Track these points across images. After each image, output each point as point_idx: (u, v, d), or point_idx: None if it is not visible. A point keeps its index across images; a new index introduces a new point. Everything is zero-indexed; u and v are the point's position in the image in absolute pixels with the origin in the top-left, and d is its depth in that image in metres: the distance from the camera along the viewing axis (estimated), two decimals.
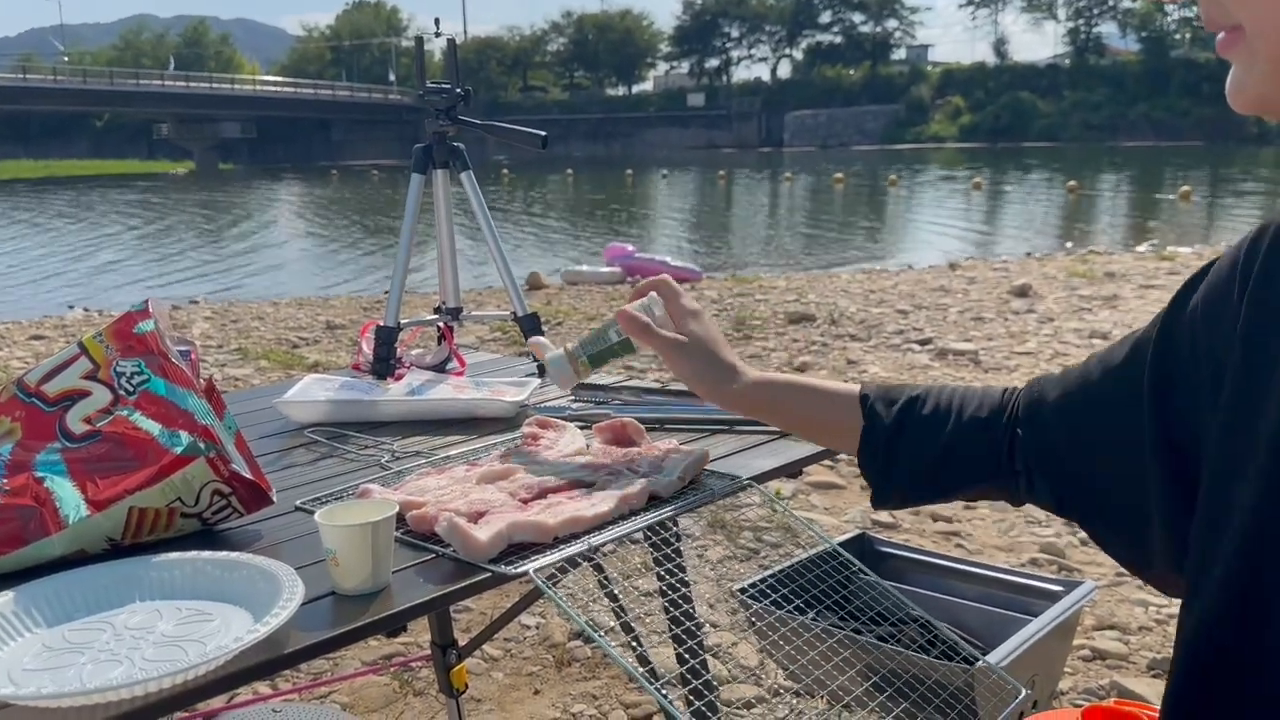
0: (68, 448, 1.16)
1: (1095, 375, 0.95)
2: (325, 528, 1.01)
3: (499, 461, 1.30)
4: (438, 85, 2.22)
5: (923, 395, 1.11)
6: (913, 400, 1.10)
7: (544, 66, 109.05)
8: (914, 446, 1.09)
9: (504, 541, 1.05)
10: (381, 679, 2.70)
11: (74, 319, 9.44)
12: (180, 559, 1.07)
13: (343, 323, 8.54)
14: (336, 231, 21.79)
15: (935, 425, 1.08)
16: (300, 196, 34.63)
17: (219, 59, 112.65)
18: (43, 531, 1.09)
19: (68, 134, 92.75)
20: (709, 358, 1.21)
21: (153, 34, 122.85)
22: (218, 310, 9.71)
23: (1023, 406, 1.03)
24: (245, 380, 6.28)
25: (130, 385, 1.19)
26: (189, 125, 75.79)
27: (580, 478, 1.24)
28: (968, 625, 2.13)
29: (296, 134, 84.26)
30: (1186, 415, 0.83)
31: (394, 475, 1.28)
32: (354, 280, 13.32)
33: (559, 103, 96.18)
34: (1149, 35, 74.33)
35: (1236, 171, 31.15)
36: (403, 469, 1.31)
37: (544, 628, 2.96)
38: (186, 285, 13.05)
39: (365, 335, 2.10)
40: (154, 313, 1.24)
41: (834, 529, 3.62)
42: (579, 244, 17.40)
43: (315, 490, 1.33)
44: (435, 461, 1.33)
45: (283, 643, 0.92)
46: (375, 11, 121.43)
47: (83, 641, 0.96)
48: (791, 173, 38.68)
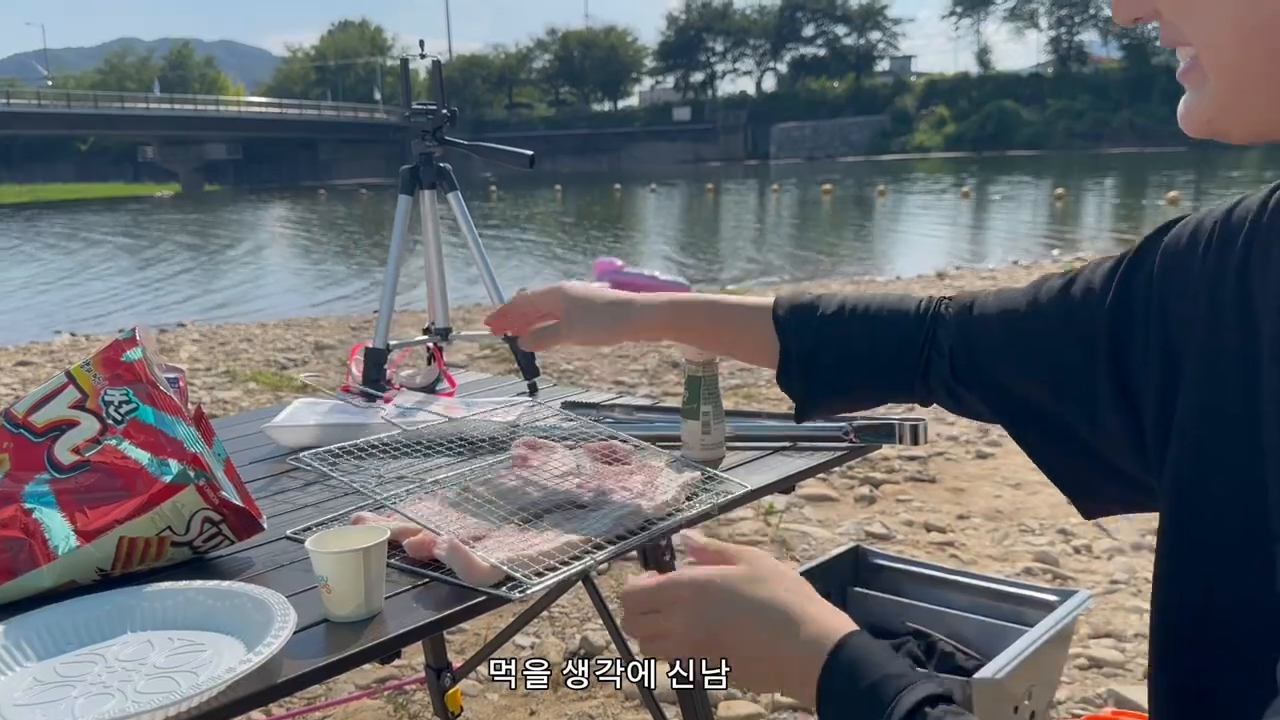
0: (56, 478, 1.16)
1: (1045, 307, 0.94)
2: (316, 555, 1.01)
3: (491, 485, 1.30)
4: (423, 106, 2.22)
5: (837, 308, 1.12)
6: (827, 317, 1.12)
7: (529, 83, 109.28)
8: (832, 367, 1.11)
9: (504, 572, 1.05)
10: (376, 703, 2.68)
11: (61, 344, 9.39)
12: (172, 589, 1.07)
13: (332, 343, 8.51)
14: (325, 251, 21.76)
15: (852, 341, 1.10)
16: (288, 217, 34.59)
17: (204, 81, 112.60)
18: (32, 563, 1.09)
19: (52, 158, 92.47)
20: (591, 308, 1.23)
21: (137, 57, 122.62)
22: (205, 333, 9.68)
23: (955, 321, 1.04)
24: (234, 403, 6.26)
25: (118, 414, 1.18)
26: (174, 147, 75.67)
27: (574, 498, 1.24)
28: (964, 636, 2.12)
29: (283, 154, 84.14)
30: (1136, 372, 0.84)
31: (388, 499, 1.28)
32: (342, 300, 13.28)
33: (545, 119, 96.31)
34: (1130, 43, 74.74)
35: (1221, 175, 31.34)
36: (392, 495, 1.30)
37: (539, 647, 2.95)
38: (174, 308, 13.00)
39: (354, 358, 2.09)
40: (141, 341, 1.23)
41: (828, 542, 3.61)
42: (568, 260, 17.41)
43: (306, 516, 1.33)
44: (426, 486, 1.33)
45: (275, 672, 0.91)
46: (360, 31, 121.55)
47: (74, 675, 0.95)
48: (779, 185, 38.75)
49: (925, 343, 1.05)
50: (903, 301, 1.10)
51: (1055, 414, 0.93)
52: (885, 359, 1.08)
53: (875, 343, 1.09)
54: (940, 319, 1.05)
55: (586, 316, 1.23)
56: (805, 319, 1.13)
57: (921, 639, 2.15)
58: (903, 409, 1.42)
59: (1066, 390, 0.91)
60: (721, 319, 1.19)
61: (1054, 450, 0.96)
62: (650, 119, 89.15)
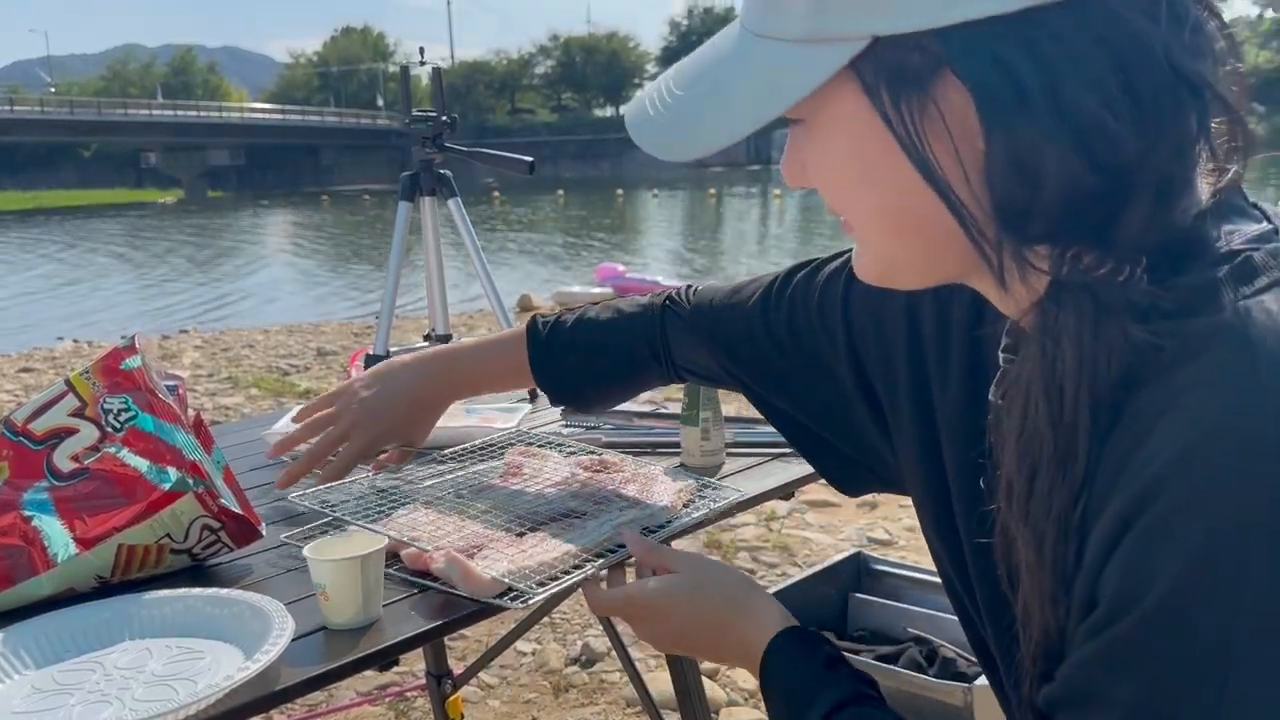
0: (55, 486, 1.16)
1: (776, 315, 1.07)
2: (314, 563, 1.01)
3: (485, 493, 1.29)
4: (424, 113, 2.23)
5: (579, 322, 1.27)
6: (568, 325, 1.26)
7: (532, 89, 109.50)
8: (578, 364, 1.26)
9: (505, 584, 1.04)
10: (377, 709, 2.68)
11: (64, 350, 9.39)
12: (170, 596, 1.07)
13: (334, 349, 8.52)
14: (327, 257, 21.80)
15: (592, 343, 1.25)
16: (291, 222, 34.63)
17: (206, 87, 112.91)
18: (31, 571, 1.09)
19: (55, 164, 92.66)
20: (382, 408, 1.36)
21: (140, 64, 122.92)
22: (208, 339, 9.68)
23: (690, 319, 1.18)
24: (236, 409, 6.27)
25: (118, 422, 1.18)
26: (177, 154, 75.77)
27: (571, 507, 1.23)
28: (965, 642, 2.12)
29: (286, 160, 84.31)
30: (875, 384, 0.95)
31: (385, 506, 1.27)
32: (345, 305, 13.29)
33: (547, 124, 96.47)
34: None
35: None
36: (387, 503, 1.29)
37: (540, 654, 2.94)
38: (177, 314, 13.00)
39: (355, 364, 2.10)
40: (141, 348, 1.24)
41: (830, 548, 3.61)
42: (570, 264, 17.41)
43: (306, 523, 1.32)
44: (422, 492, 1.32)
45: (273, 680, 0.91)
46: (362, 37, 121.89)
47: (72, 683, 0.95)
48: (781, 190, 38.80)
49: (658, 339, 1.21)
50: (642, 307, 1.24)
51: (813, 426, 1.06)
52: (623, 352, 1.23)
53: (613, 342, 1.24)
54: (673, 315, 1.20)
55: (397, 430, 1.38)
56: (550, 330, 1.27)
57: (923, 645, 2.15)
58: None
59: (829, 417, 1.03)
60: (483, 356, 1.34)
61: (807, 446, 1.09)
62: None
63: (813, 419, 1.05)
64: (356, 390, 1.35)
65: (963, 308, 0.81)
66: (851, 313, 0.97)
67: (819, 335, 1.01)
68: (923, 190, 0.61)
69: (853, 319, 0.96)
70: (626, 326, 1.23)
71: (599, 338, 1.24)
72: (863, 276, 0.72)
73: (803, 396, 1.05)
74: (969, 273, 0.67)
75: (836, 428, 1.02)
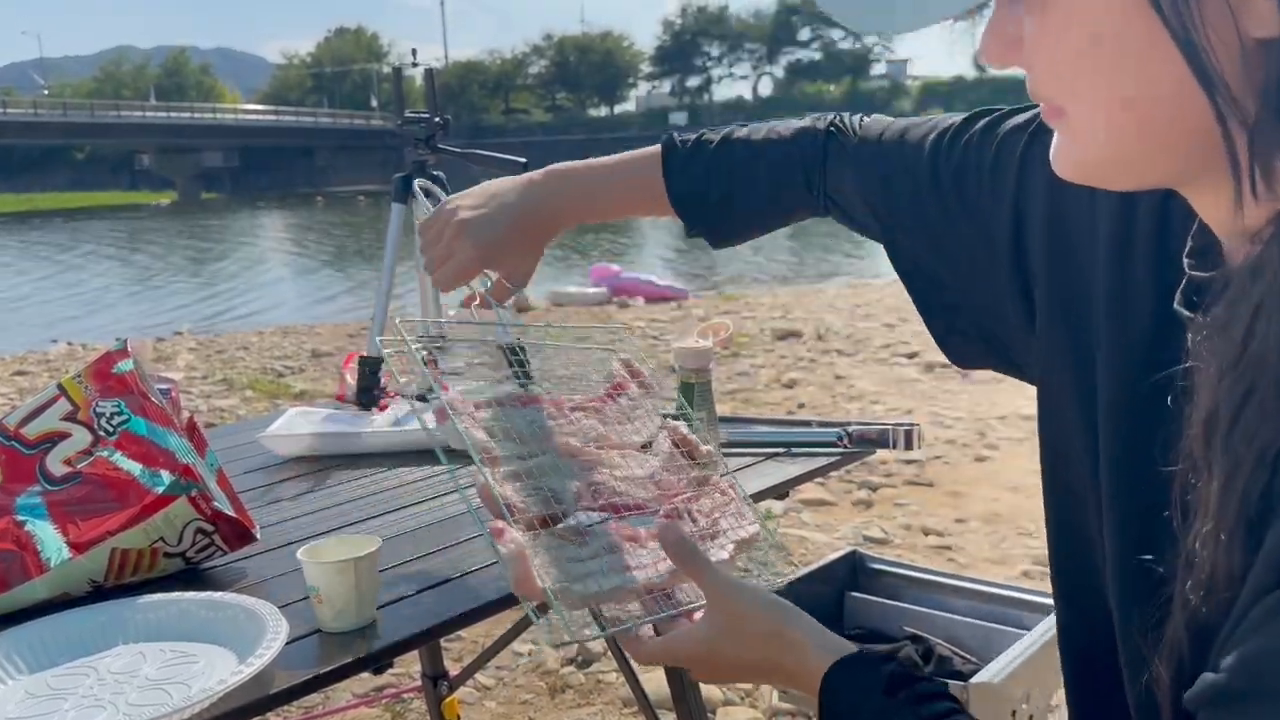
0: (48, 490, 1.16)
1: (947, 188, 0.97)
2: (308, 565, 1.01)
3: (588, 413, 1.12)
4: (416, 114, 2.23)
5: (726, 140, 1.15)
6: (714, 142, 1.15)
7: (526, 89, 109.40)
8: (724, 184, 1.14)
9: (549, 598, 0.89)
10: (373, 711, 2.68)
11: (58, 353, 9.37)
12: (164, 600, 1.07)
13: (328, 350, 8.51)
14: (322, 258, 21.76)
15: (738, 170, 1.14)
16: (285, 224, 34.59)
17: (200, 88, 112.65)
18: (24, 575, 1.09)
19: (49, 167, 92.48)
20: (505, 242, 1.20)
21: (133, 65, 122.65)
22: (202, 341, 9.66)
23: (853, 156, 1.08)
24: (231, 411, 6.26)
25: (110, 425, 1.18)
26: (171, 155, 75.55)
27: (644, 499, 1.08)
28: (962, 640, 2.12)
29: (280, 161, 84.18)
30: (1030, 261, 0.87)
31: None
32: (340, 306, 13.28)
33: (542, 124, 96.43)
34: None
35: None
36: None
37: (536, 654, 2.94)
38: (171, 316, 12.97)
39: (348, 366, 2.09)
40: (133, 352, 1.23)
41: (826, 546, 3.61)
42: (565, 265, 17.41)
43: (300, 526, 1.32)
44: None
45: (267, 683, 0.91)
46: (356, 38, 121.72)
47: (66, 688, 0.95)
48: None
49: (816, 165, 1.10)
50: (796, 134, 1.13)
51: (951, 286, 0.98)
52: (779, 174, 1.12)
53: (769, 160, 1.12)
54: (837, 141, 1.09)
55: (505, 251, 1.20)
56: (689, 158, 1.15)
57: (919, 643, 2.15)
58: (898, 414, 1.42)
59: (971, 279, 0.94)
60: (620, 176, 1.21)
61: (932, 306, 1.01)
62: (647, 124, 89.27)
63: (951, 273, 0.97)
64: (457, 207, 1.21)
65: (1150, 214, 0.74)
66: (1026, 173, 0.88)
67: (984, 188, 0.92)
68: (1184, 81, 0.55)
69: (1026, 180, 0.88)
70: (783, 149, 1.11)
71: (751, 156, 1.13)
72: (1067, 173, 0.64)
73: (948, 248, 0.96)
74: (1194, 178, 0.60)
75: (975, 289, 0.94)
